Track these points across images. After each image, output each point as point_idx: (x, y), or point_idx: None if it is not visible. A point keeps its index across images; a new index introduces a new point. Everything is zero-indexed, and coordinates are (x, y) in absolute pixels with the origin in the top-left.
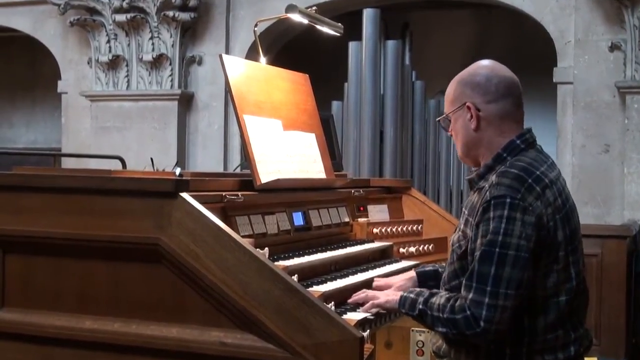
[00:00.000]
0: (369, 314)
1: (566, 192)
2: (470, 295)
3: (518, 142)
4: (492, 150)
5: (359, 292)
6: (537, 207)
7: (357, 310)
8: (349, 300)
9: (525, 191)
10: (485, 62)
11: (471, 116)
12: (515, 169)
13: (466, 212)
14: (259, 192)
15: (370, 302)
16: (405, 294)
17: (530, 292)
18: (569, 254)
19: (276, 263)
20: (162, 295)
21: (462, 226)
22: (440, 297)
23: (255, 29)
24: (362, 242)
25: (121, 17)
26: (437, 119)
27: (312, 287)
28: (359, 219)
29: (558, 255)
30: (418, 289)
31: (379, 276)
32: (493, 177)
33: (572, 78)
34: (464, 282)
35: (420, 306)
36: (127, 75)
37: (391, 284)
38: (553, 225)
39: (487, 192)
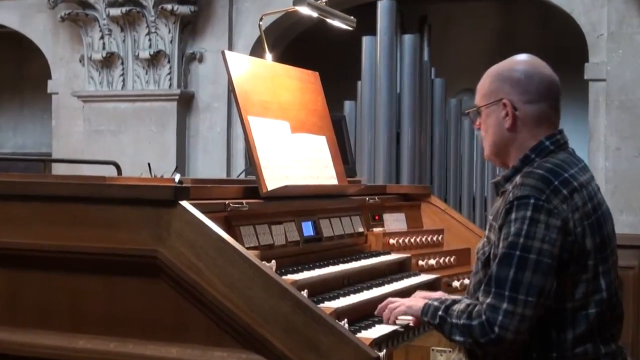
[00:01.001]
0: (389, 329)
1: (598, 198)
2: (488, 300)
3: (547, 143)
4: (522, 153)
5: (384, 302)
6: (563, 211)
7: (375, 325)
8: (376, 312)
9: (551, 193)
10: (525, 57)
11: (506, 114)
12: (541, 170)
13: (490, 218)
14: (265, 200)
15: (392, 312)
16: (429, 302)
17: (559, 304)
18: (598, 263)
19: (284, 277)
20: (161, 312)
21: (486, 232)
22: (461, 304)
23: (261, 23)
24: (377, 254)
25: (116, 11)
26: (466, 110)
27: (323, 303)
28: (374, 229)
29: (587, 264)
30: (443, 297)
31: (395, 292)
32: (517, 178)
33: (605, 75)
34: (482, 287)
35: (441, 313)
36: (122, 74)
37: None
38: (581, 231)
39: (511, 193)
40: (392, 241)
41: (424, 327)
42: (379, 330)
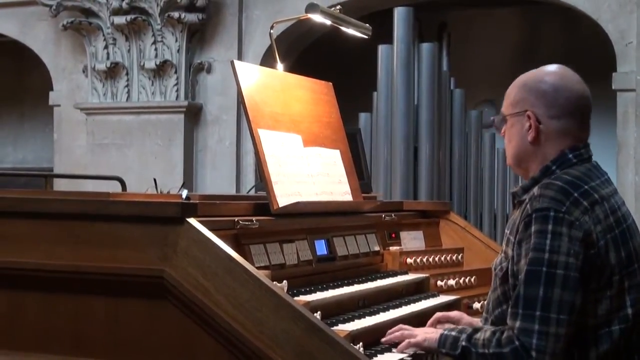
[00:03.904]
0: (404, 355)
1: (623, 212)
2: (518, 324)
3: (570, 155)
4: (544, 165)
5: (394, 328)
6: (584, 223)
7: (393, 350)
8: (383, 340)
9: (571, 205)
10: (555, 69)
11: (530, 126)
12: (559, 182)
13: (507, 232)
14: (276, 217)
15: (407, 340)
16: (445, 332)
17: (580, 321)
18: (624, 278)
19: (296, 298)
20: (167, 335)
21: (503, 246)
22: (485, 332)
23: (272, 31)
24: (394, 274)
25: (120, 20)
26: (492, 117)
27: (337, 325)
28: (391, 248)
29: (611, 279)
30: (461, 326)
31: (413, 314)
32: (535, 189)
33: (634, 84)
34: (509, 310)
35: (464, 343)
36: (127, 85)
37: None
38: (604, 244)
39: (528, 205)
40: (409, 260)
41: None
42: (395, 355)
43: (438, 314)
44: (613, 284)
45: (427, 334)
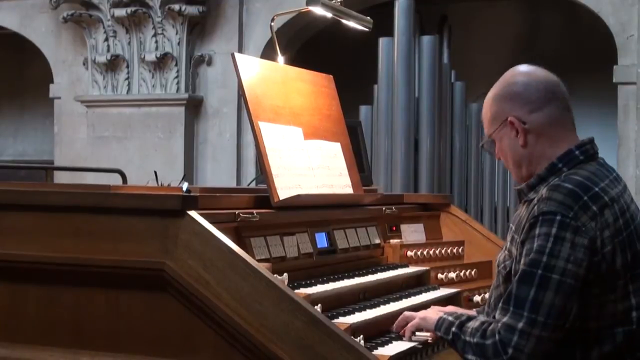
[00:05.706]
0: (405, 347)
1: (632, 211)
2: (504, 319)
3: (577, 152)
4: (547, 161)
5: (401, 316)
6: (590, 229)
7: (393, 342)
8: (394, 327)
9: (579, 209)
10: (519, 68)
11: (517, 132)
12: (570, 184)
13: (513, 228)
14: (276, 210)
15: (408, 327)
16: (444, 316)
17: (582, 324)
18: (629, 282)
19: (296, 291)
20: (168, 327)
21: (507, 244)
22: (475, 321)
23: (272, 24)
24: (394, 267)
25: (121, 12)
26: (480, 144)
27: (337, 318)
28: (391, 241)
29: (616, 284)
30: (459, 312)
31: (413, 307)
32: (544, 191)
33: (635, 77)
34: (500, 305)
35: (454, 329)
36: (127, 78)
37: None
38: (610, 249)
39: (536, 207)
40: (410, 253)
41: (443, 344)
42: (396, 347)
43: (434, 308)
44: (617, 289)
45: (428, 313)
